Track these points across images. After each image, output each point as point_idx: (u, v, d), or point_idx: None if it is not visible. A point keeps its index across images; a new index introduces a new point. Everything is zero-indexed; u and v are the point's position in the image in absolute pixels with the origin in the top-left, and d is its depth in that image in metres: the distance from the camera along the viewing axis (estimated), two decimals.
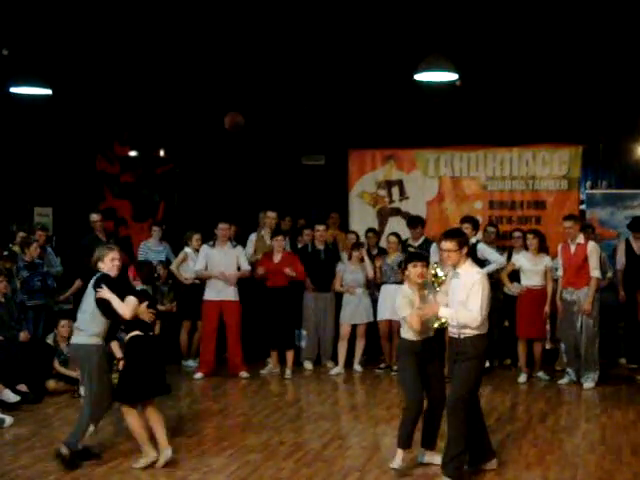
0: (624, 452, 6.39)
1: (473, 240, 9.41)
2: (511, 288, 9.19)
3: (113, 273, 6.13)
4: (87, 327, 6.08)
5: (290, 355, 9.39)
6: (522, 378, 8.99)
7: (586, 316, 8.70)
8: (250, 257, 9.79)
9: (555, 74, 10.05)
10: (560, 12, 8.63)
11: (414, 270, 5.92)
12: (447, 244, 5.73)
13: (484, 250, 9.07)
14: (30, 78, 9.39)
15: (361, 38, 9.36)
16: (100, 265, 6.15)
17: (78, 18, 8.82)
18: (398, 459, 5.86)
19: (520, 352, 9.13)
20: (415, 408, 5.82)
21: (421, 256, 6.20)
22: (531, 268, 9.03)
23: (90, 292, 6.08)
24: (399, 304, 5.94)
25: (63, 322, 8.66)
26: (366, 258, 9.57)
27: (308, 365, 9.73)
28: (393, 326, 9.36)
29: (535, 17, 8.75)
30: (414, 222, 9.90)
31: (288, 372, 9.27)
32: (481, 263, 9.04)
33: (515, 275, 9.18)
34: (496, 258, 9.03)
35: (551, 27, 9.00)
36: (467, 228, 9.35)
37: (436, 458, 5.95)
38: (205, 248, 9.46)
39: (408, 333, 5.91)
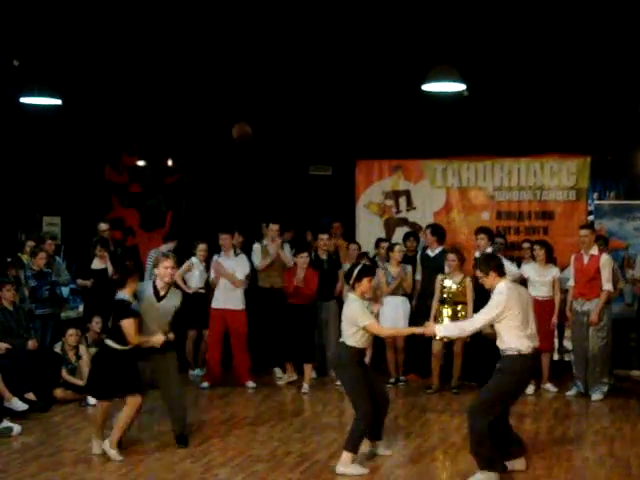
0: (633, 465, 6.35)
1: (489, 250, 9.38)
2: None
3: (167, 279, 6.65)
4: None
5: (309, 369, 9.26)
6: (530, 390, 8.94)
7: (593, 328, 8.67)
8: (259, 265, 9.79)
9: (563, 84, 10.05)
10: (568, 23, 8.64)
11: (369, 285, 6.37)
12: (478, 272, 6.11)
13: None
14: (40, 88, 9.46)
15: (369, 49, 9.38)
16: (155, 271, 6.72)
17: (88, 29, 8.88)
18: (347, 462, 6.12)
19: (543, 365, 8.99)
20: (370, 415, 6.21)
21: (374, 271, 6.77)
22: (538, 279, 9.00)
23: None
24: (359, 312, 6.23)
25: (71, 331, 8.68)
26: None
27: (312, 374, 9.70)
28: (397, 337, 9.35)
29: (542, 28, 8.76)
30: (438, 232, 9.75)
31: (306, 387, 9.11)
32: None
33: (524, 285, 9.15)
34: (511, 269, 8.97)
35: (559, 38, 9.00)
36: (482, 239, 9.34)
37: (381, 447, 6.55)
38: (215, 258, 9.50)
39: (357, 341, 6.27)
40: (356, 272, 6.36)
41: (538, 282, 8.99)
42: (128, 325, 6.32)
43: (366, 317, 6.24)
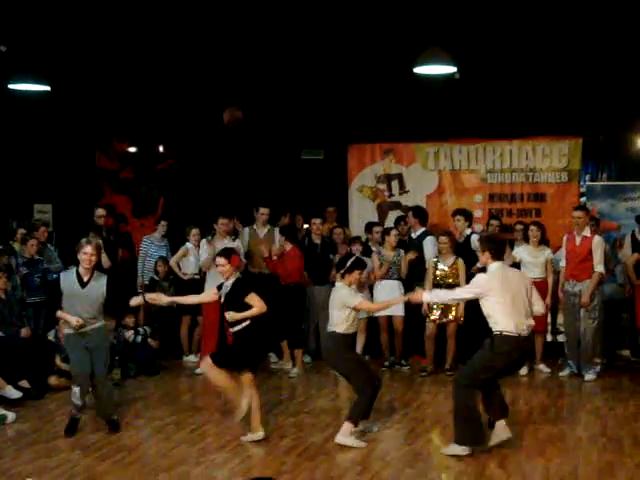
0: (625, 444, 6.40)
1: (467, 232, 9.48)
2: None
3: (86, 265, 6.66)
4: None
5: (299, 354, 9.28)
6: (523, 370, 8.98)
7: (585, 309, 8.71)
8: (246, 249, 9.80)
9: (555, 66, 10.02)
10: (559, 4, 8.60)
11: (359, 277, 6.65)
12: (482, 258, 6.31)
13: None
14: (28, 74, 9.38)
15: (359, 32, 9.33)
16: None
17: (76, 14, 8.80)
18: (347, 433, 6.33)
19: (537, 346, 9.02)
20: (372, 387, 6.51)
21: (365, 264, 7.04)
22: (532, 260, 9.03)
23: None
24: (347, 295, 6.48)
25: None
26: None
27: (306, 359, 9.72)
28: (394, 321, 9.37)
29: (534, 9, 8.72)
30: (421, 214, 9.86)
31: (294, 371, 9.15)
32: (475, 255, 9.06)
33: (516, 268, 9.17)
34: None
35: (550, 19, 8.97)
36: (459, 220, 9.43)
37: (369, 424, 6.72)
38: (205, 243, 9.48)
39: (346, 327, 6.49)
40: (349, 264, 6.59)
41: (531, 264, 9.01)
42: None
43: (355, 298, 6.53)
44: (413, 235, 9.79)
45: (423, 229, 9.73)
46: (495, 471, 5.79)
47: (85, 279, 6.70)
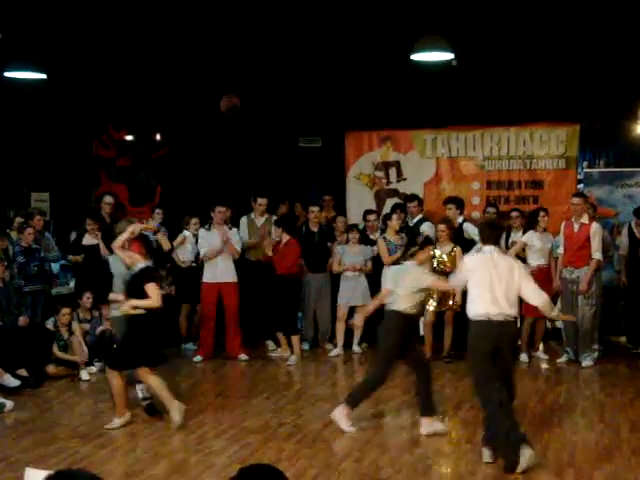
0: (623, 429, 6.43)
1: (459, 220, 9.49)
2: None
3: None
4: None
5: (296, 341, 9.25)
6: (523, 357, 8.98)
7: (582, 295, 8.71)
8: (245, 242, 9.79)
9: (552, 53, 9.99)
10: None
11: (429, 254, 6.76)
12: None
13: (471, 230, 9.09)
14: (24, 62, 9.33)
15: (357, 19, 9.28)
16: None
17: (72, 2, 8.75)
18: (343, 414, 6.38)
19: (525, 331, 9.04)
20: (381, 383, 6.53)
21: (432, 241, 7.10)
22: (541, 246, 9.03)
23: None
24: (420, 274, 6.43)
25: (64, 310, 8.66)
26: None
27: (305, 346, 9.74)
28: None
29: None
30: (411, 197, 10.01)
31: (293, 359, 9.12)
32: (468, 243, 9.08)
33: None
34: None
35: (548, 6, 8.93)
36: (450, 209, 9.44)
37: (438, 423, 6.39)
38: (202, 232, 9.49)
39: (408, 308, 6.37)
40: (421, 241, 6.68)
41: (541, 250, 9.02)
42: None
43: (428, 276, 6.58)
44: (410, 222, 9.83)
45: (420, 216, 9.78)
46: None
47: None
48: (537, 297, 5.92)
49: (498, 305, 5.71)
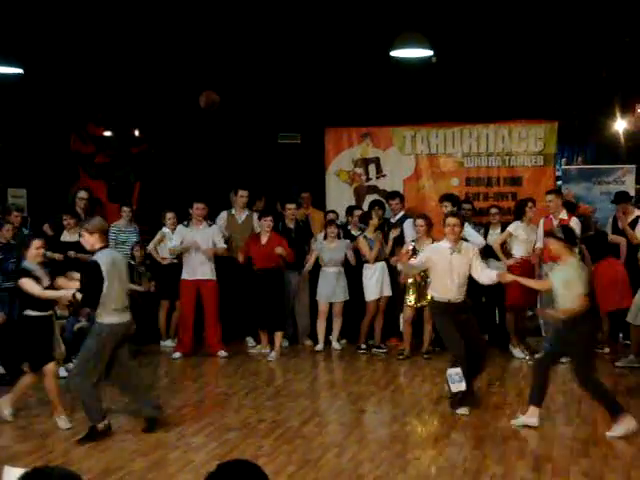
0: (599, 424, 6.47)
1: None
2: (504, 259, 9.13)
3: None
4: None
5: (278, 337, 9.24)
6: (517, 353, 9.07)
7: None
8: (226, 236, 9.76)
9: (530, 50, 10.06)
10: None
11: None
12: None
13: (465, 230, 9.09)
14: (0, 57, 9.23)
15: (336, 15, 9.29)
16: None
17: None
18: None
19: (510, 324, 9.11)
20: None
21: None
22: (526, 238, 9.08)
23: None
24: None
25: None
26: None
27: (284, 343, 9.72)
28: (381, 301, 9.40)
29: None
30: (392, 195, 10.02)
31: (273, 355, 9.10)
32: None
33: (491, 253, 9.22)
34: (476, 238, 9.02)
35: (526, 3, 8.99)
36: (446, 206, 9.38)
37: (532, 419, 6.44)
38: (180, 228, 9.45)
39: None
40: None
41: (527, 241, 9.07)
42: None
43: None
44: (392, 220, 9.84)
45: (402, 212, 9.81)
46: (471, 453, 5.84)
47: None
48: (488, 276, 7.05)
49: (452, 290, 7.00)
